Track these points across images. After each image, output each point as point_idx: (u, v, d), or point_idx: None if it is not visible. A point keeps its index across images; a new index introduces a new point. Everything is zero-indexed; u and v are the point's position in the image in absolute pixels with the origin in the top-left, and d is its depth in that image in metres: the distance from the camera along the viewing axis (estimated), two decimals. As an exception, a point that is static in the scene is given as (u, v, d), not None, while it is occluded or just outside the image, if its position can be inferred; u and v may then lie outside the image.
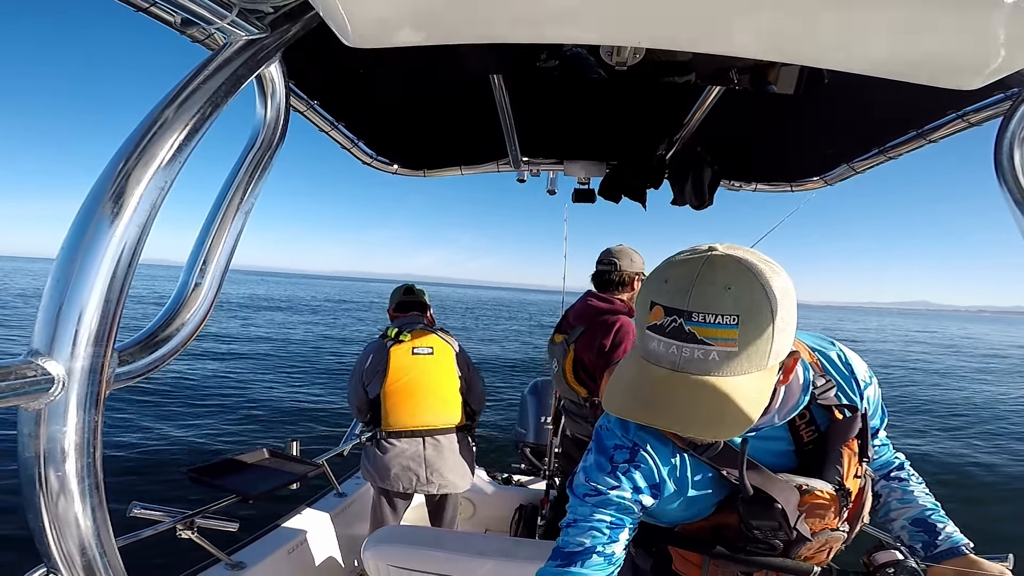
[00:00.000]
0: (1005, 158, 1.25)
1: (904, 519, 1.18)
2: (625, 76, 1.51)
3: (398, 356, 2.76)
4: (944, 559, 1.08)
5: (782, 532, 1.00)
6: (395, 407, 2.73)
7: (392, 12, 0.88)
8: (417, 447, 2.71)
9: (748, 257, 0.81)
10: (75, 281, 0.77)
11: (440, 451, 2.73)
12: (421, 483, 2.69)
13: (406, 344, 2.79)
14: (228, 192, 1.14)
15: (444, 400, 2.80)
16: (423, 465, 2.69)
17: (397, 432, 2.72)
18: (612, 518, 1.00)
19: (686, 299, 0.77)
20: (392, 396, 2.73)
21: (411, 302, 3.05)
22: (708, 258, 0.81)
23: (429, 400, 2.77)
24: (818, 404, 1.03)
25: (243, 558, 2.31)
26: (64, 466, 0.78)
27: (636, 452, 1.01)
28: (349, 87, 1.83)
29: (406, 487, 2.70)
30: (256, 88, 1.16)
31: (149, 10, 0.96)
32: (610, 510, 1.00)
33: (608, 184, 2.66)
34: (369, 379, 2.78)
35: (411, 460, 2.69)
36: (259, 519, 2.73)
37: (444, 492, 2.79)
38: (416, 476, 2.68)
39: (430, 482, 2.70)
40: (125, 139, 0.85)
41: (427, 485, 2.71)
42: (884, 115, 1.82)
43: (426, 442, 2.72)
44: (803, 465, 1.05)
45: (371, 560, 1.68)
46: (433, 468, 2.70)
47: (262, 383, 11.72)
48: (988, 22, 0.77)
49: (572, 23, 0.90)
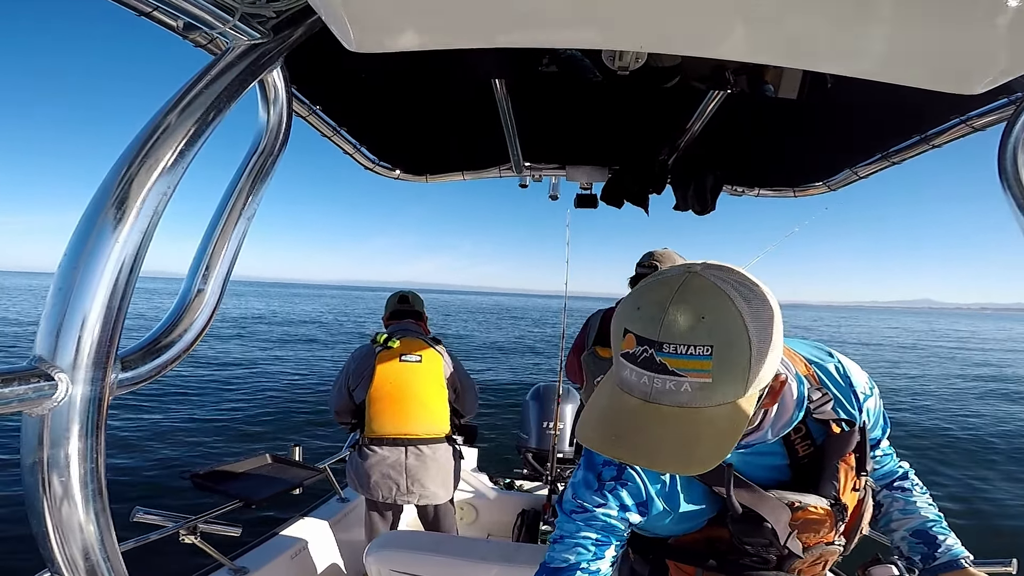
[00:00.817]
0: (1009, 163, 1.25)
1: (904, 530, 1.17)
2: (627, 81, 1.51)
3: (385, 362, 2.71)
4: (942, 572, 1.07)
5: (773, 548, 0.99)
6: (379, 413, 2.67)
7: (394, 17, 0.88)
8: (399, 455, 2.64)
9: (728, 280, 0.76)
10: (78, 287, 0.77)
11: (423, 461, 2.66)
12: (401, 492, 2.62)
13: (394, 350, 2.73)
14: (230, 198, 1.14)
15: (430, 409, 2.74)
16: (404, 474, 2.62)
17: (379, 439, 2.65)
18: (598, 535, 0.99)
19: (657, 328, 0.73)
20: (377, 402, 2.68)
21: (405, 310, 3.00)
22: (684, 281, 0.76)
23: (414, 408, 2.71)
24: (814, 418, 1.01)
25: (246, 563, 2.31)
26: (67, 471, 0.78)
27: (623, 470, 1.00)
28: (351, 92, 1.83)
29: (385, 496, 2.63)
30: (258, 93, 1.16)
31: (151, 15, 0.97)
32: (596, 527, 0.99)
33: (610, 189, 2.66)
34: (355, 383, 2.72)
35: (391, 468, 2.62)
36: (262, 524, 2.73)
37: (424, 503, 2.71)
38: (396, 485, 2.61)
39: (410, 492, 2.63)
40: (127, 145, 0.85)
41: (407, 495, 2.64)
42: (887, 120, 1.82)
43: (408, 451, 2.65)
44: (798, 479, 1.03)
45: (373, 565, 1.67)
46: (414, 478, 2.63)
47: (264, 389, 11.73)
48: (992, 26, 0.76)
49: (574, 28, 0.89)
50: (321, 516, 2.92)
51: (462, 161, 2.78)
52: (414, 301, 3.05)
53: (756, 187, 2.78)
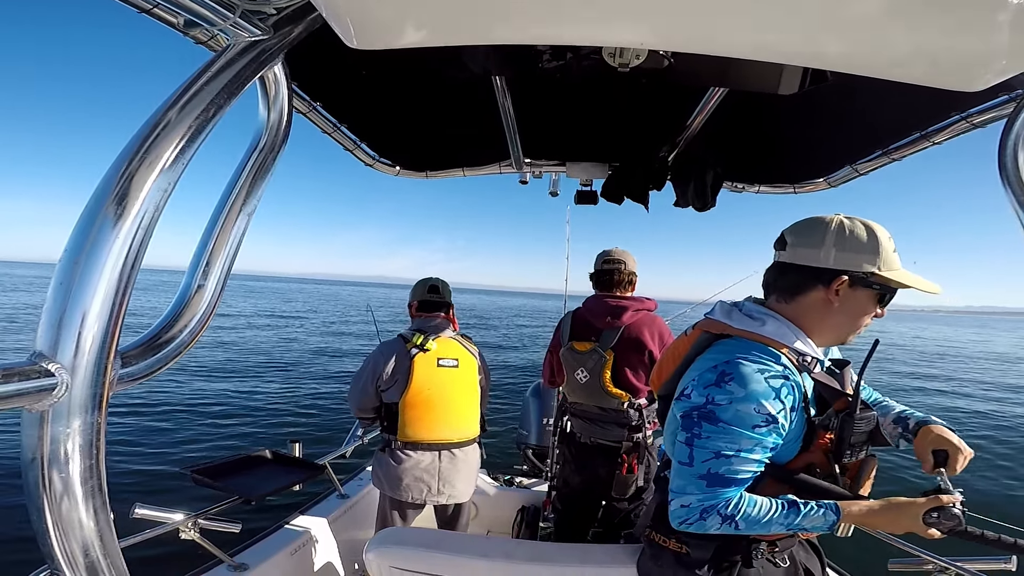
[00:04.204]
0: (1009, 160, 1.25)
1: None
2: (627, 77, 1.51)
3: (422, 366, 2.56)
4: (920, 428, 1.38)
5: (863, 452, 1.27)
6: (414, 420, 2.57)
7: (395, 14, 0.88)
8: (433, 459, 2.57)
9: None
10: (78, 283, 0.77)
11: (455, 463, 2.61)
12: (432, 494, 2.58)
13: (431, 354, 2.58)
14: (231, 194, 1.14)
15: (463, 416, 2.66)
16: (436, 477, 2.57)
17: (414, 444, 2.57)
18: (772, 443, 1.20)
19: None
20: (412, 408, 2.56)
21: (436, 302, 2.76)
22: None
23: (450, 415, 2.62)
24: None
25: (245, 559, 2.32)
26: (67, 467, 0.78)
27: (788, 379, 1.22)
28: (352, 89, 1.83)
29: (416, 498, 2.57)
30: (259, 90, 1.16)
31: (152, 11, 0.97)
32: (772, 436, 1.19)
33: (610, 186, 2.66)
34: (388, 385, 2.58)
35: (425, 472, 2.56)
36: (262, 520, 2.74)
37: (452, 502, 2.66)
38: (428, 487, 2.57)
39: (441, 492, 2.59)
40: (128, 141, 0.85)
41: (438, 496, 2.59)
42: (887, 116, 1.82)
43: (442, 455, 2.59)
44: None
45: (373, 562, 1.67)
46: (446, 480, 2.59)
47: (265, 385, 11.74)
48: (992, 23, 0.76)
49: (574, 24, 0.89)
50: (321, 512, 2.93)
51: (462, 158, 2.78)
52: (444, 292, 2.80)
53: (756, 183, 2.77)
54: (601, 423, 2.55)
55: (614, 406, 2.50)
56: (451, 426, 2.62)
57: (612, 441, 2.54)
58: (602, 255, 2.71)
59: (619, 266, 2.62)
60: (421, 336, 2.61)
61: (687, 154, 2.42)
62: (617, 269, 2.62)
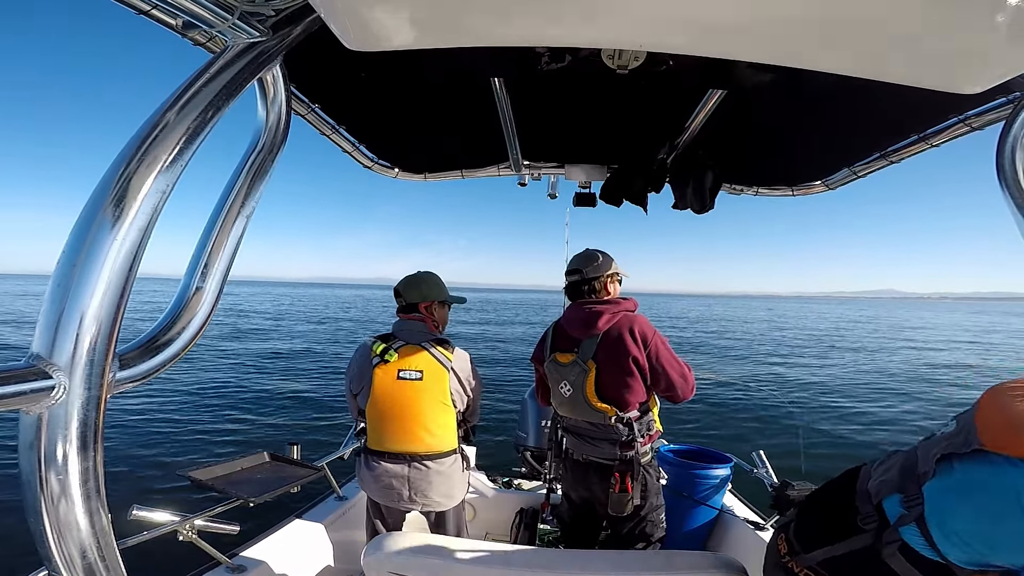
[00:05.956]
0: (1007, 162, 1.25)
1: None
2: (626, 79, 1.51)
3: (381, 378, 2.43)
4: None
5: None
6: (376, 430, 2.50)
7: (393, 16, 0.88)
8: (401, 468, 2.47)
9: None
10: (76, 285, 0.77)
11: (427, 475, 2.48)
12: (405, 501, 2.49)
13: (391, 365, 2.43)
14: (229, 196, 1.14)
15: (430, 429, 2.47)
16: (406, 486, 2.47)
17: (380, 453, 2.49)
18: None
19: None
20: (374, 420, 2.49)
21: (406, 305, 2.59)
22: None
23: (413, 428, 2.46)
24: None
25: (243, 561, 2.31)
26: (65, 469, 0.78)
27: None
28: (350, 90, 1.83)
29: (390, 503, 2.52)
30: (257, 91, 1.16)
31: (150, 13, 0.97)
32: None
33: (609, 188, 2.66)
34: (357, 389, 2.53)
35: (394, 479, 2.47)
36: (260, 522, 2.73)
37: (428, 511, 2.56)
38: (400, 495, 2.48)
39: (414, 501, 2.49)
40: (126, 142, 0.85)
41: (411, 503, 2.49)
42: (885, 119, 1.82)
43: (411, 465, 2.47)
44: None
45: (372, 567, 1.67)
46: (417, 489, 2.47)
47: (263, 387, 11.72)
48: (990, 26, 0.77)
49: (572, 26, 0.89)
50: (319, 515, 2.92)
51: (461, 160, 2.78)
52: (406, 292, 2.58)
53: (755, 186, 2.78)
54: (591, 439, 2.43)
55: (602, 421, 2.36)
56: (416, 439, 2.47)
57: (604, 459, 2.41)
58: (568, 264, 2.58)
59: (579, 276, 2.48)
60: (382, 345, 2.48)
61: (686, 156, 2.42)
62: (579, 279, 2.47)
